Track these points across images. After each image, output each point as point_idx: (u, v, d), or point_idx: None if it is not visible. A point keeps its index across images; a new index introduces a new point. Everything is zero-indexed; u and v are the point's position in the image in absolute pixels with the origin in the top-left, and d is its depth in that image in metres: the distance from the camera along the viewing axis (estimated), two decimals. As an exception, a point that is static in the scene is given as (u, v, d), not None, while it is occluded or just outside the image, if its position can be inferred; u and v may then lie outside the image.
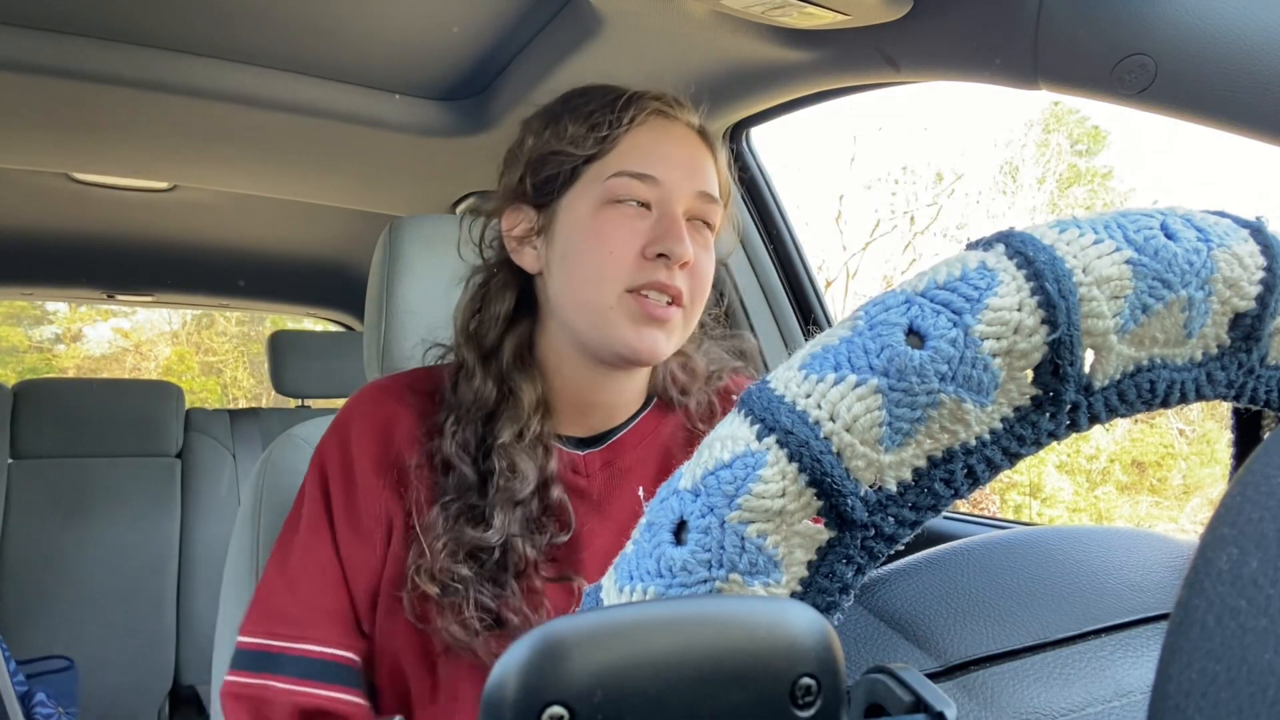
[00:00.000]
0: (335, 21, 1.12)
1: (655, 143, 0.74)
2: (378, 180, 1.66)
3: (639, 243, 0.71)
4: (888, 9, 0.87)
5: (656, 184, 0.72)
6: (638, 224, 0.71)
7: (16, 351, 10.08)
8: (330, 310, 2.97)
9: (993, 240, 0.29)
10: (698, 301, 0.74)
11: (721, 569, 0.26)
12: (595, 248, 0.71)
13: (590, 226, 0.72)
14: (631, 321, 0.71)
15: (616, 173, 0.72)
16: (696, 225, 0.74)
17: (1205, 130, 0.70)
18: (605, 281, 0.71)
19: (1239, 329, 0.30)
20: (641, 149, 0.73)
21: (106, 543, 2.25)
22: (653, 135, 0.74)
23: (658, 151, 0.73)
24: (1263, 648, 0.17)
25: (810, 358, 0.28)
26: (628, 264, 0.70)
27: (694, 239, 0.73)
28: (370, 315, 0.94)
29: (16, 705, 1.46)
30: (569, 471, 0.77)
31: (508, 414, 0.74)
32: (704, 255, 0.74)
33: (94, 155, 1.55)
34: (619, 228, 0.71)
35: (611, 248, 0.71)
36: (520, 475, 0.71)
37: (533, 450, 0.73)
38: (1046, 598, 0.34)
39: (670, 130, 0.75)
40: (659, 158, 0.73)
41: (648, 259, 0.71)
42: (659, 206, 0.72)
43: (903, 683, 0.24)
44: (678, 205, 0.72)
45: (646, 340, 0.71)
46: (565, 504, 0.74)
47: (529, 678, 0.20)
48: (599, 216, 0.72)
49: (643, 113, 0.74)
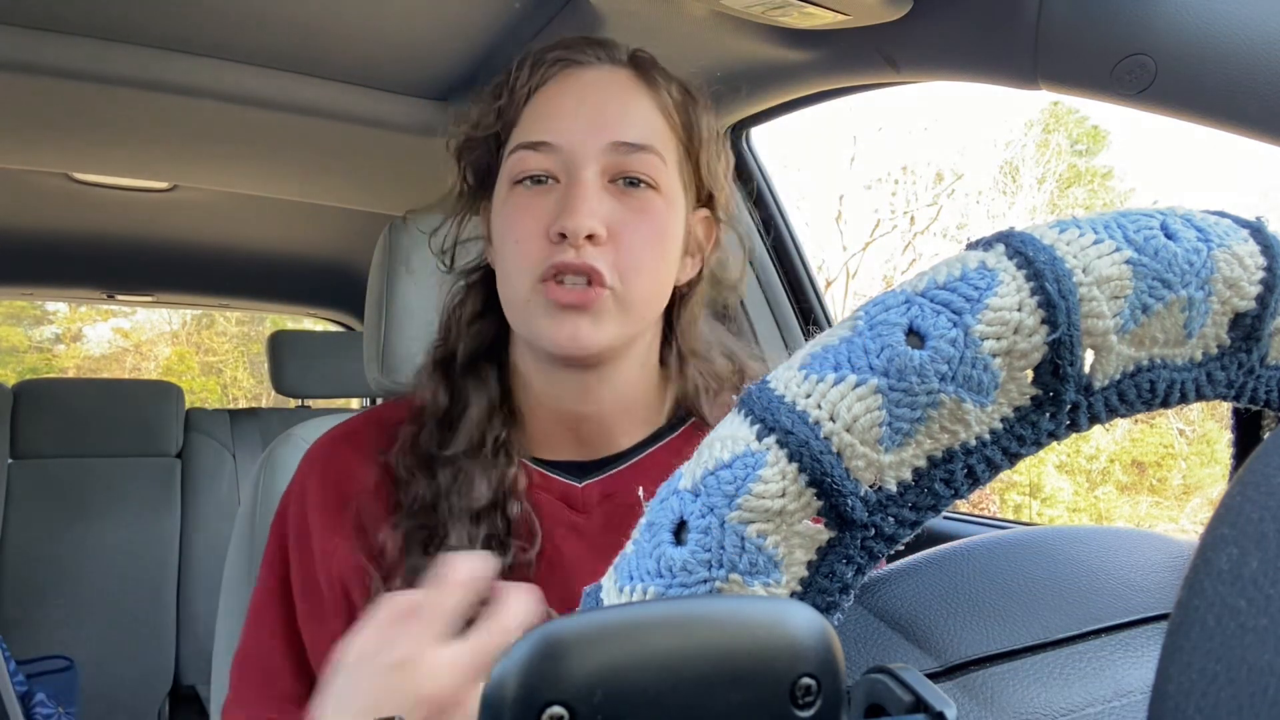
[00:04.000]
0: (335, 21, 1.12)
1: (554, 100, 0.63)
2: (378, 180, 1.66)
3: (544, 223, 0.61)
4: (888, 9, 0.87)
5: (554, 150, 0.61)
6: (543, 201, 0.62)
7: (16, 351, 10.09)
8: (330, 310, 2.97)
9: (993, 240, 0.29)
10: (632, 277, 0.61)
11: (721, 569, 0.26)
12: (505, 237, 0.63)
13: (501, 214, 0.64)
14: (546, 313, 0.61)
15: (514, 147, 0.63)
16: (622, 186, 0.62)
17: (1205, 130, 0.70)
18: (517, 274, 0.62)
19: (1239, 329, 0.30)
20: (538, 112, 0.63)
21: (106, 543, 2.25)
22: (555, 91, 0.63)
23: (555, 109, 0.63)
24: (1263, 648, 0.17)
25: (810, 358, 0.28)
26: (534, 250, 0.61)
27: (618, 202, 0.61)
28: (370, 315, 0.94)
29: (16, 705, 1.46)
30: (560, 505, 0.66)
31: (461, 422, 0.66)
32: (633, 219, 0.61)
33: (94, 155, 1.55)
34: (522, 210, 0.62)
35: (517, 235, 0.62)
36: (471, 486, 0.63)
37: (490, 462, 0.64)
38: (1046, 598, 0.34)
39: (578, 79, 0.64)
40: (557, 116, 0.62)
41: (552, 240, 0.60)
42: (564, 175, 0.62)
43: (903, 683, 0.24)
44: (582, 169, 0.61)
45: (566, 330, 0.60)
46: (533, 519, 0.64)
47: (529, 678, 0.20)
48: (508, 201, 0.63)
49: (543, 68, 0.64)
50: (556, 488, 0.67)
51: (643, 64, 0.66)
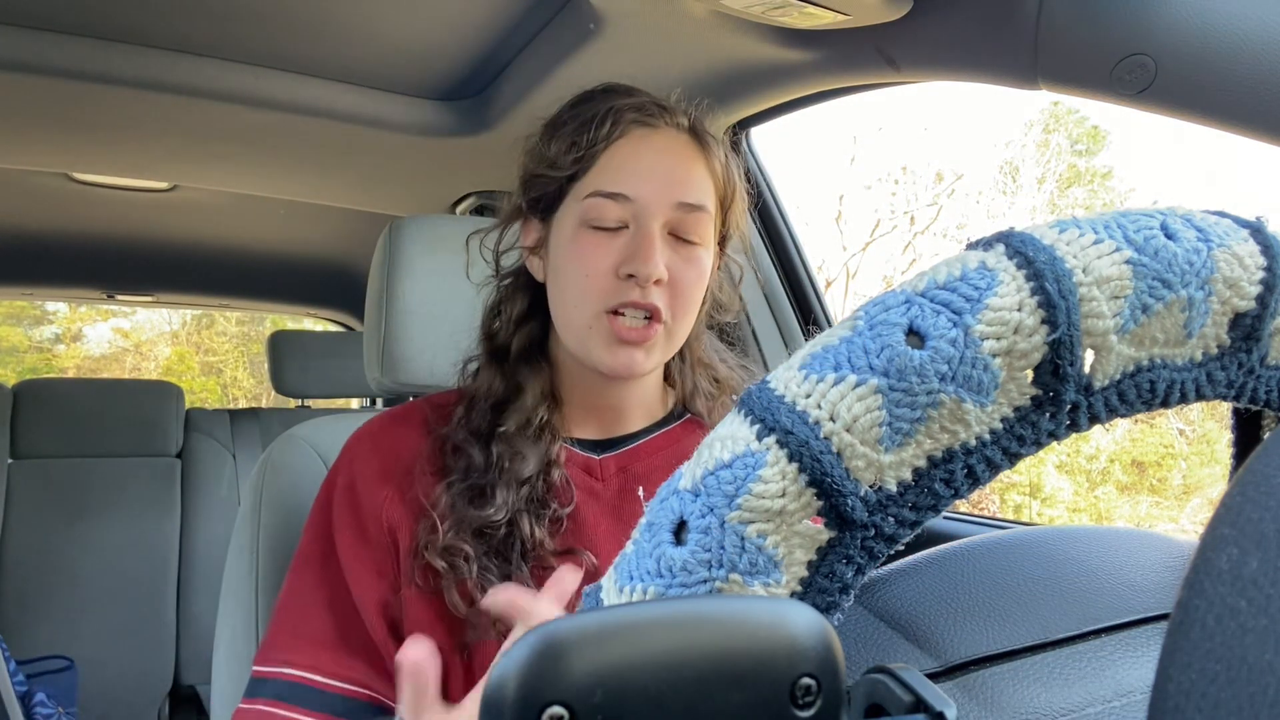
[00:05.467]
0: (335, 21, 1.12)
1: (631, 158, 0.73)
2: (378, 180, 1.66)
3: (613, 262, 0.71)
4: (888, 9, 0.87)
5: (630, 202, 0.72)
6: (613, 243, 0.72)
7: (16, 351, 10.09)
8: (330, 310, 2.97)
9: (993, 240, 0.29)
10: (680, 315, 0.74)
11: (721, 569, 0.26)
12: (574, 269, 0.73)
13: (570, 248, 0.73)
14: (606, 343, 0.72)
15: (591, 193, 0.72)
16: (677, 239, 0.74)
17: (1205, 130, 0.70)
18: (582, 303, 0.72)
19: (1239, 329, 0.30)
20: (616, 166, 0.73)
21: (106, 543, 2.25)
22: (630, 149, 0.73)
23: (632, 166, 0.73)
24: (1263, 648, 0.17)
25: (810, 358, 0.28)
26: (603, 285, 0.71)
27: (675, 253, 0.73)
28: (370, 315, 0.94)
29: (16, 705, 1.46)
30: (582, 474, 0.78)
31: (514, 405, 0.76)
32: (685, 269, 0.73)
33: (94, 155, 1.55)
34: (594, 249, 0.72)
35: (587, 269, 0.72)
36: (522, 458, 0.73)
37: (537, 438, 0.75)
38: (1046, 598, 0.34)
39: (649, 141, 0.74)
40: (633, 173, 0.72)
41: (621, 279, 0.71)
42: (634, 223, 0.72)
43: (903, 683, 0.24)
44: (653, 221, 0.72)
45: (622, 360, 0.72)
46: (569, 484, 0.75)
47: (529, 678, 0.20)
48: (578, 237, 0.73)
49: (620, 125, 0.74)
50: (580, 460, 0.79)
51: (699, 131, 0.77)
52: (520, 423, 0.76)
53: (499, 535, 0.71)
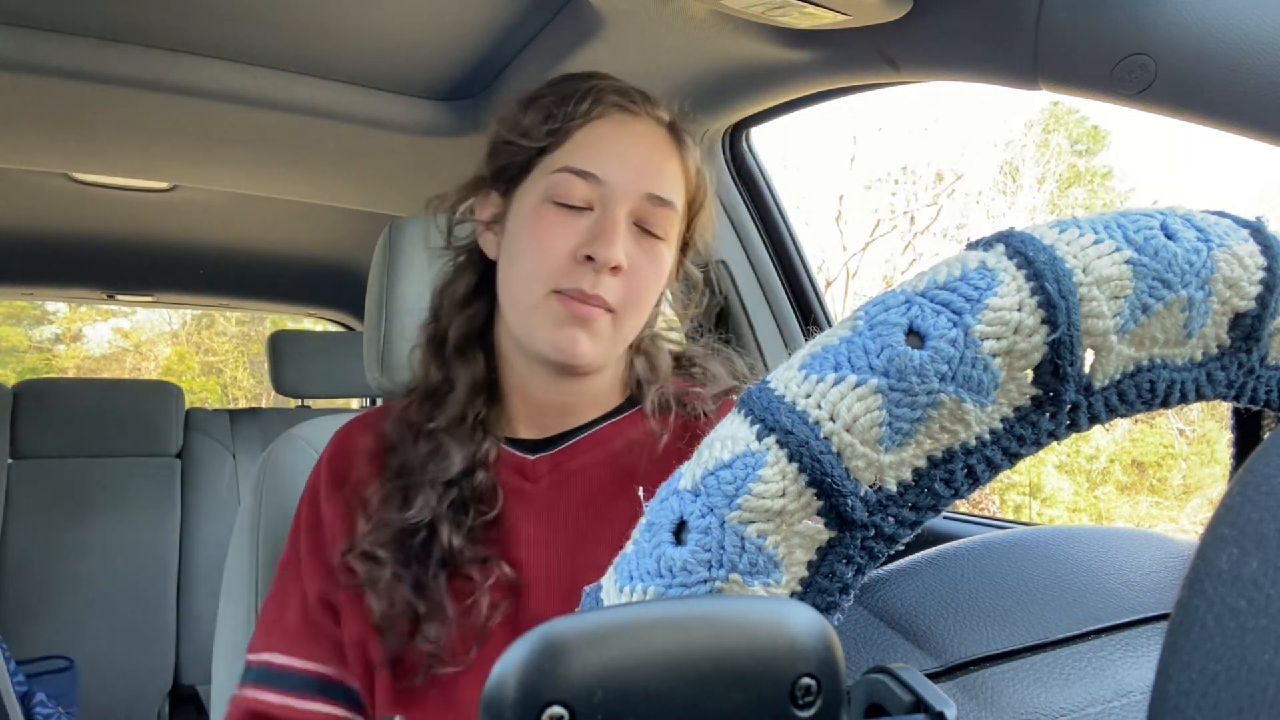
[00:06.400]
0: (335, 21, 1.12)
1: (607, 139, 0.70)
2: (378, 180, 1.66)
3: (573, 243, 0.68)
4: (888, 9, 0.87)
5: (599, 183, 0.69)
6: (575, 223, 0.69)
7: (16, 351, 10.09)
8: (330, 310, 2.97)
9: (993, 240, 0.29)
10: (630, 311, 0.70)
11: (721, 569, 0.26)
12: (531, 244, 0.70)
13: (530, 221, 0.70)
14: (553, 322, 0.68)
15: (561, 168, 0.69)
16: (641, 231, 0.71)
17: (1205, 130, 0.70)
18: (533, 281, 0.69)
19: (1239, 329, 0.30)
20: (590, 144, 0.70)
21: (106, 543, 2.25)
22: (607, 130, 0.71)
23: (608, 148, 0.70)
24: (1263, 648, 0.17)
25: (810, 358, 0.28)
26: (557, 265, 0.68)
27: (636, 244, 0.70)
28: (370, 315, 0.94)
29: (16, 705, 1.46)
30: (514, 475, 0.74)
31: (449, 399, 0.74)
32: (645, 262, 0.70)
33: (94, 155, 1.55)
34: (555, 226, 0.69)
35: (544, 246, 0.68)
36: (448, 458, 0.71)
37: (469, 437, 0.72)
38: (1046, 598, 0.34)
39: (628, 126, 0.71)
40: (608, 154, 0.69)
41: (578, 261, 0.68)
42: (600, 206, 0.69)
43: (903, 683, 0.24)
44: (620, 207, 0.69)
45: (567, 337, 0.68)
46: (496, 488, 0.72)
47: (529, 677, 0.20)
48: (540, 212, 0.70)
49: (601, 105, 0.71)
50: (514, 461, 0.75)
51: (677, 128, 0.75)
52: (452, 418, 0.73)
53: (418, 540, 0.69)
